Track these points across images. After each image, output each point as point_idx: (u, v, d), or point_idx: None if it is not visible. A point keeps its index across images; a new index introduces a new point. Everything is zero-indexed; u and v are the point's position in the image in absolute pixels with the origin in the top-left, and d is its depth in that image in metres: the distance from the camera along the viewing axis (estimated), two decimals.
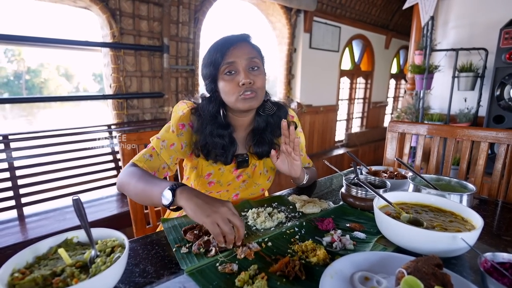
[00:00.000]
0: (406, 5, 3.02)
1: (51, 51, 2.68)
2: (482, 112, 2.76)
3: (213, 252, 0.68)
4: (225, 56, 0.88)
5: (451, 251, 0.64)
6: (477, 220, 0.70)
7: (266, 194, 1.25)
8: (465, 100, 2.86)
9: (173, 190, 0.70)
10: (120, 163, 2.26)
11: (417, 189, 0.96)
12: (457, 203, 0.80)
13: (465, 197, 0.88)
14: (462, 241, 0.61)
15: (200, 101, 0.99)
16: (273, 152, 0.96)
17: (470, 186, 0.94)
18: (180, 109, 1.00)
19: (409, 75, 3.20)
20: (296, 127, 1.09)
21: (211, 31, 3.30)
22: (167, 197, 0.71)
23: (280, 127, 0.97)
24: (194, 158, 1.01)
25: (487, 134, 1.24)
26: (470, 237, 0.62)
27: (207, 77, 0.94)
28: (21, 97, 2.91)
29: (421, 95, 2.96)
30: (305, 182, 1.11)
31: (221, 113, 0.96)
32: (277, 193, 1.11)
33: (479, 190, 1.22)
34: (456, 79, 2.80)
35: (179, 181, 1.21)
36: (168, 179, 1.26)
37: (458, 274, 0.56)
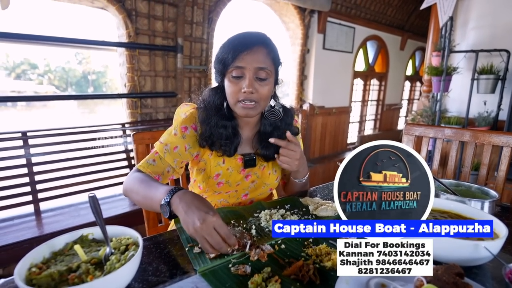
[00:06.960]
0: (423, 6, 2.95)
1: (112, 54, 2.82)
2: (503, 116, 2.66)
3: (211, 256, 0.68)
4: (236, 59, 0.87)
5: (473, 260, 0.62)
6: (501, 229, 0.67)
7: (274, 193, 1.24)
8: (485, 103, 2.76)
9: (168, 204, 0.72)
10: (134, 161, 2.28)
11: (435, 194, 0.93)
12: (478, 210, 0.77)
13: (486, 204, 0.84)
14: (485, 250, 0.59)
15: (207, 94, 1.00)
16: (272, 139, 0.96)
17: (492, 192, 0.91)
18: (183, 111, 1.00)
19: (425, 77, 3.12)
20: (298, 133, 1.10)
21: (224, 31, 3.31)
22: (165, 211, 0.73)
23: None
24: (201, 160, 1.01)
25: (509, 139, 1.19)
26: (493, 246, 0.60)
27: (216, 70, 0.94)
28: (45, 95, 2.99)
29: (438, 97, 2.88)
30: (304, 180, 1.09)
31: (225, 105, 0.96)
32: (290, 195, 1.09)
33: (500, 197, 1.17)
34: (475, 82, 2.72)
35: (188, 182, 1.21)
36: (181, 179, 1.27)
37: (480, 284, 0.54)
